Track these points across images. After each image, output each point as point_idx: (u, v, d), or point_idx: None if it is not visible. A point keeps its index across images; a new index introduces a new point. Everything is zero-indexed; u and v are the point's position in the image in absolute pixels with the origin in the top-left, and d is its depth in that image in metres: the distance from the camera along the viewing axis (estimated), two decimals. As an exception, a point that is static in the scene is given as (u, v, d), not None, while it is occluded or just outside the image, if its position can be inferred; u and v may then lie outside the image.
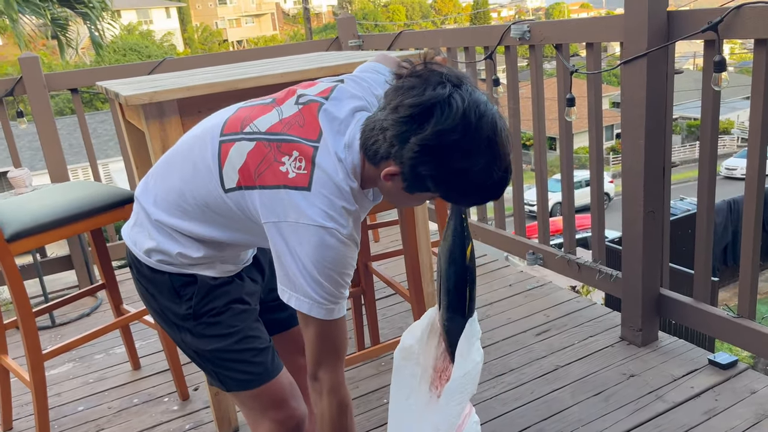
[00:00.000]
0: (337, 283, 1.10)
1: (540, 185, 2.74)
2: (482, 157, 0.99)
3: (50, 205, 1.92)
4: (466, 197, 1.06)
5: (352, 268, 1.12)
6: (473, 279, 1.25)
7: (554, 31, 2.37)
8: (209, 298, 1.26)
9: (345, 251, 1.08)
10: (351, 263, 1.11)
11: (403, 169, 1.02)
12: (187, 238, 1.20)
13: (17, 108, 3.04)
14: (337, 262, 1.08)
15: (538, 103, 2.62)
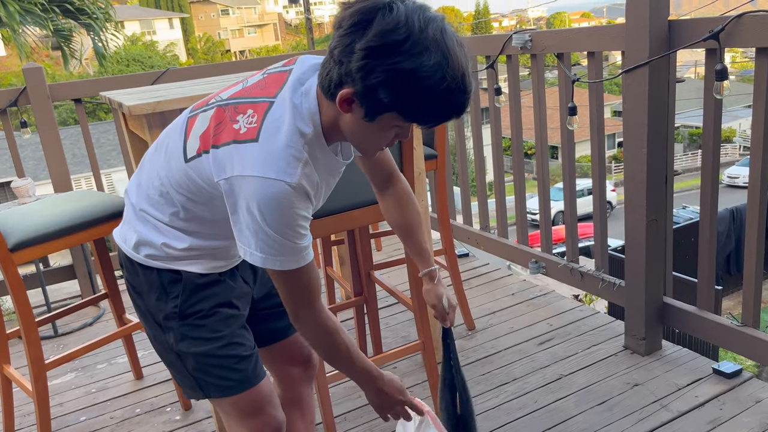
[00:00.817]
0: (288, 235, 1.06)
1: (542, 194, 2.74)
2: (431, 56, 0.93)
3: (53, 214, 1.93)
4: (423, 110, 0.99)
5: (304, 219, 1.08)
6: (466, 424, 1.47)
7: (556, 40, 2.38)
8: (196, 298, 1.25)
9: (293, 202, 1.04)
10: (301, 214, 1.07)
11: (355, 87, 0.97)
12: (170, 228, 1.20)
13: (21, 118, 3.05)
14: (285, 213, 1.04)
15: (540, 112, 2.63)
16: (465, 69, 0.98)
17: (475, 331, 2.57)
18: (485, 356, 2.36)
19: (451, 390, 1.45)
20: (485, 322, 2.63)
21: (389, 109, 0.99)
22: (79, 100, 3.10)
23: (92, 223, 1.95)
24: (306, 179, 1.05)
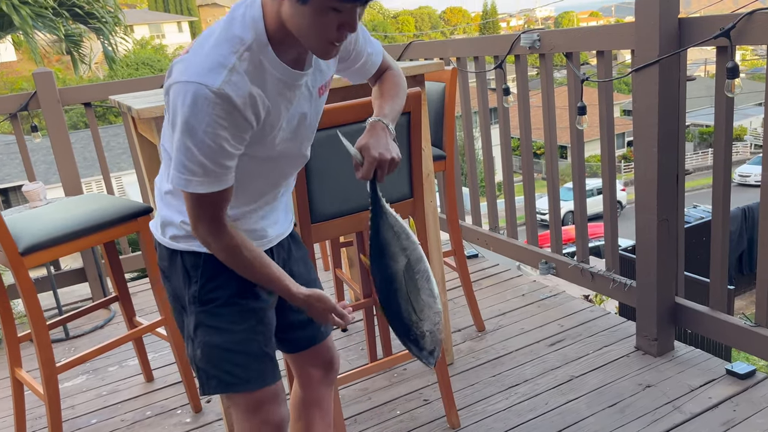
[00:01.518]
0: (210, 151, 1.01)
1: (552, 194, 2.72)
2: None
3: (64, 218, 1.93)
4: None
5: (232, 136, 1.02)
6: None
7: (564, 39, 2.36)
8: (214, 284, 1.23)
9: (213, 108, 0.98)
10: (223, 125, 1.00)
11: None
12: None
13: (32, 122, 3.07)
14: (205, 120, 0.98)
15: (549, 112, 2.61)
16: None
17: (485, 332, 2.56)
18: (496, 357, 2.35)
19: (380, 249, 1.26)
20: (495, 324, 2.62)
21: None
22: (89, 104, 3.12)
23: (102, 226, 1.95)
24: (232, 87, 0.99)
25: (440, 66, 2.10)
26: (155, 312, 2.95)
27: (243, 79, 1.01)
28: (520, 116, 2.76)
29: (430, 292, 1.27)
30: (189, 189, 1.07)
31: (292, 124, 1.15)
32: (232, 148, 1.04)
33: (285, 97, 1.09)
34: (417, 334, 1.28)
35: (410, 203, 1.83)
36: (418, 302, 1.26)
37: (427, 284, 1.27)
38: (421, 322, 1.27)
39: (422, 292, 1.27)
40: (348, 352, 2.51)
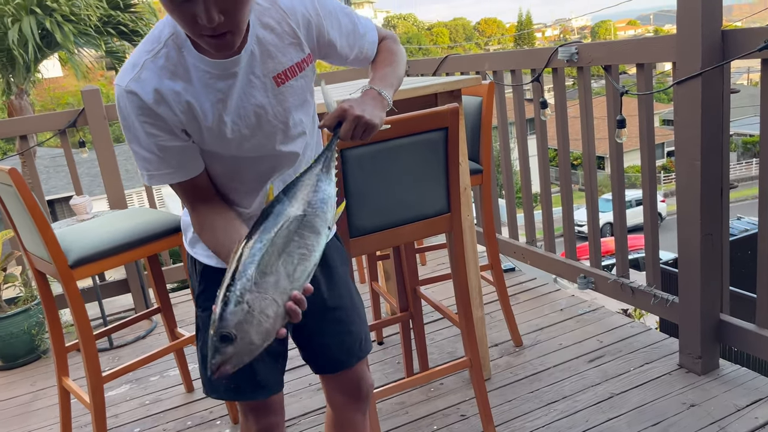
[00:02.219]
0: (135, 146, 1.06)
1: (590, 205, 2.69)
2: None
3: (110, 232, 1.99)
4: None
5: (149, 132, 1.03)
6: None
7: (603, 52, 2.34)
8: (210, 293, 1.21)
9: (126, 106, 1.02)
10: (141, 120, 1.02)
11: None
12: None
13: (80, 138, 3.17)
14: (124, 118, 1.04)
15: (588, 125, 2.59)
16: None
17: (522, 347, 2.53)
18: (533, 373, 2.33)
19: (293, 184, 1.03)
20: (533, 339, 2.59)
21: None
22: (133, 120, 3.21)
23: (146, 240, 2.01)
24: (138, 84, 1.01)
25: (477, 81, 2.10)
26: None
27: (152, 76, 1.02)
28: (558, 128, 2.74)
29: (288, 273, 0.95)
30: (153, 182, 1.10)
31: (248, 118, 1.10)
32: (167, 140, 1.05)
33: (215, 88, 1.05)
34: (227, 295, 0.92)
35: (447, 218, 1.84)
36: (268, 264, 0.94)
37: (297, 261, 0.97)
38: (245, 287, 0.92)
39: (284, 260, 0.95)
40: (384, 365, 2.52)
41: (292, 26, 1.11)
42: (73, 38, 7.28)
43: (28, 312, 2.87)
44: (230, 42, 0.97)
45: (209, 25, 0.92)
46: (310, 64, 1.16)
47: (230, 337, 0.91)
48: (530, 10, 46.64)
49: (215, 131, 1.08)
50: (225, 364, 0.92)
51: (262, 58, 1.08)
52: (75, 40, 7.36)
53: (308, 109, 1.21)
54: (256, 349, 0.93)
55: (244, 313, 0.91)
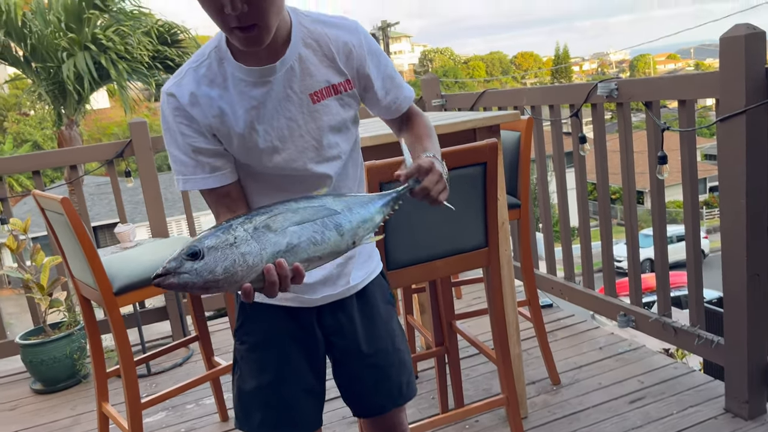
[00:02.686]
0: (171, 149, 1.12)
1: (630, 241, 2.64)
2: None
3: (153, 260, 2.05)
4: None
5: (184, 133, 1.10)
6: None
7: (643, 88, 2.33)
8: (249, 326, 1.26)
9: (165, 109, 1.11)
10: (177, 121, 1.10)
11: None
12: None
13: (126, 168, 3.28)
14: (164, 120, 1.11)
15: (627, 161, 2.56)
16: None
17: (560, 386, 2.48)
18: (572, 413, 2.27)
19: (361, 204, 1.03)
20: (571, 377, 2.53)
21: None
22: (178, 151, 3.30)
23: (188, 268, 2.05)
24: (177, 88, 1.10)
25: (516, 116, 2.11)
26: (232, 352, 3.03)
27: (191, 82, 1.10)
28: (597, 163, 2.72)
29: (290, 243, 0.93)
30: (187, 187, 1.14)
31: (280, 130, 1.12)
32: (200, 142, 1.10)
33: (249, 95, 1.10)
34: (225, 223, 0.92)
35: (485, 252, 1.83)
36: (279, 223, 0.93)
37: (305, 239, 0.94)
38: (244, 225, 0.91)
39: (295, 230, 0.93)
40: (419, 400, 2.49)
41: (332, 50, 1.15)
42: (126, 75, 7.58)
43: (71, 337, 2.94)
44: (257, 36, 1.01)
45: (234, 13, 0.97)
46: (350, 91, 1.18)
47: (198, 253, 0.88)
48: (567, 43, 46.66)
49: (246, 139, 1.12)
50: (173, 275, 0.88)
51: (301, 75, 1.12)
52: (127, 76, 7.67)
53: (348, 137, 1.21)
54: (211, 283, 0.88)
55: (227, 243, 0.89)
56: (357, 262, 1.28)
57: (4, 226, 2.98)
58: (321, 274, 1.22)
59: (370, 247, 1.32)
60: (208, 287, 0.89)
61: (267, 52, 1.09)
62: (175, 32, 8.46)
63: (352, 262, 1.26)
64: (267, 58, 1.09)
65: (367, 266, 1.31)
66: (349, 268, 1.26)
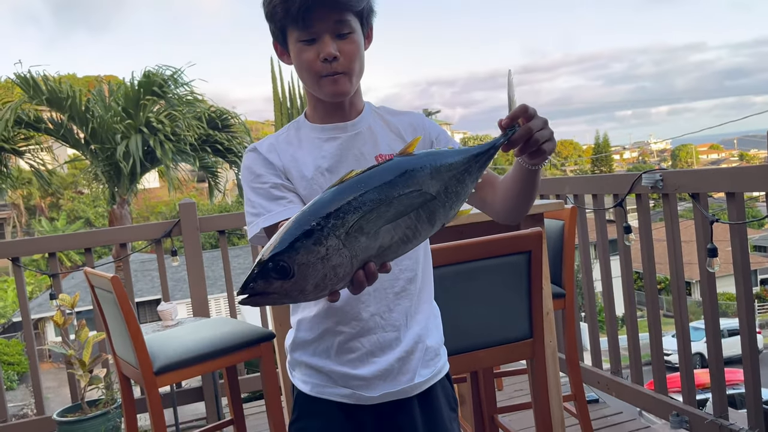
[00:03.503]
0: (248, 194, 1.20)
1: (681, 333, 2.54)
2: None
3: (194, 340, 2.05)
4: (276, 10, 1.12)
5: (261, 175, 1.18)
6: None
7: (690, 180, 2.31)
8: (301, 423, 1.22)
9: (246, 159, 1.23)
10: (254, 165, 1.20)
11: (272, 35, 1.19)
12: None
13: (172, 247, 3.36)
14: (243, 169, 1.22)
15: (675, 253, 2.50)
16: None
17: (609, 489, 2.33)
18: None
19: (446, 157, 0.92)
20: (621, 480, 2.38)
21: (277, 26, 1.15)
22: (223, 232, 3.39)
23: (227, 350, 2.05)
24: (259, 144, 1.23)
25: (560, 206, 2.11)
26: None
27: (270, 139, 1.24)
28: (643, 254, 2.66)
29: (382, 245, 0.84)
30: (257, 228, 1.16)
31: None
32: (275, 179, 1.18)
33: (321, 148, 1.20)
34: (314, 226, 0.81)
35: (529, 344, 1.78)
36: (372, 223, 0.82)
37: (397, 238, 0.86)
38: (335, 231, 0.80)
39: (388, 229, 0.84)
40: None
41: (399, 129, 1.25)
42: (171, 155, 7.94)
43: (107, 415, 2.92)
44: (343, 84, 1.15)
45: (329, 58, 1.11)
46: None
47: (288, 271, 0.79)
48: (607, 132, 46.97)
49: (312, 182, 1.18)
50: (260, 295, 0.80)
51: (370, 140, 1.22)
52: (173, 157, 8.03)
53: None
54: (300, 298, 0.82)
55: (318, 257, 0.80)
56: (423, 359, 1.20)
57: (53, 301, 3.05)
58: (380, 368, 1.16)
59: (437, 342, 1.25)
60: (296, 301, 0.84)
61: (341, 119, 1.21)
62: (226, 117, 8.89)
63: (415, 357, 1.19)
64: (328, 115, 1.22)
65: (434, 364, 1.22)
66: (413, 364, 1.18)
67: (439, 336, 1.27)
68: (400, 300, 1.18)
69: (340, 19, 1.11)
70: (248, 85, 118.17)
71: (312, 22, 1.11)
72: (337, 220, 0.81)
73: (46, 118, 8.13)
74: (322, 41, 1.12)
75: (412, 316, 1.19)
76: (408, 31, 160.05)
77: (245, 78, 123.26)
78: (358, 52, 1.15)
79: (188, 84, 8.50)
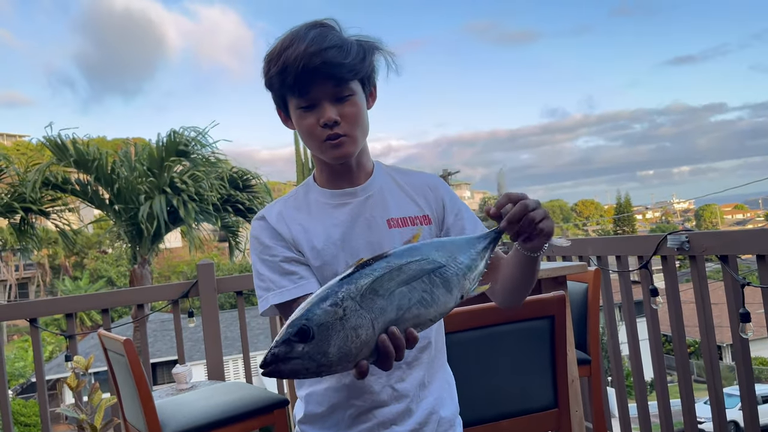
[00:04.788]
0: (257, 266, 1.17)
1: (715, 400, 2.41)
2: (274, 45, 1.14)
3: (206, 406, 2.00)
4: (274, 81, 1.13)
5: (270, 247, 1.16)
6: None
7: (717, 241, 2.25)
8: None
9: (255, 229, 1.19)
10: (262, 236, 1.17)
11: (274, 102, 1.19)
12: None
13: (189, 308, 3.33)
14: (252, 240, 1.19)
15: (705, 318, 2.40)
16: (281, 49, 1.11)
17: None
18: None
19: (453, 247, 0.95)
20: None
21: (277, 95, 1.16)
22: (241, 293, 3.36)
23: (240, 417, 1.99)
24: (267, 211, 1.21)
25: (583, 268, 2.06)
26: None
27: (279, 206, 1.22)
28: (671, 318, 2.56)
29: (400, 307, 0.86)
30: (267, 304, 1.14)
31: (355, 249, 1.15)
32: (286, 252, 1.15)
33: (331, 215, 1.18)
34: (328, 293, 0.84)
35: (554, 414, 1.69)
36: (385, 286, 0.85)
37: (415, 301, 0.87)
38: (350, 293, 0.83)
39: (403, 292, 0.86)
40: None
41: (411, 190, 1.23)
42: (194, 215, 8.02)
43: (117, 483, 2.83)
44: (347, 147, 1.14)
45: (328, 123, 1.10)
46: (427, 225, 1.21)
47: (308, 333, 0.79)
48: (629, 192, 46.75)
49: (323, 253, 1.15)
50: (285, 362, 0.79)
51: (381, 203, 1.20)
52: (195, 217, 8.11)
53: None
54: (325, 365, 0.80)
55: (336, 318, 0.81)
56: (436, 429, 1.18)
57: (68, 363, 3.02)
58: (389, 381, 1.14)
59: (452, 413, 1.22)
60: (321, 371, 0.81)
61: (349, 184, 1.20)
62: (248, 178, 9.02)
63: (428, 430, 1.17)
64: (348, 187, 1.20)
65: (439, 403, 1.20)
66: (417, 389, 1.17)
67: (455, 406, 1.24)
68: (413, 370, 1.16)
69: (339, 84, 1.11)
70: (272, 146, 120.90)
71: (309, 90, 1.11)
72: (350, 285, 0.83)
73: (73, 180, 8.31)
74: (321, 107, 1.12)
75: (425, 386, 1.17)
76: (428, 93, 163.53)
77: (270, 139, 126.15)
78: (359, 114, 1.13)
79: (212, 145, 8.68)
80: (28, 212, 8.12)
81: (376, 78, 1.20)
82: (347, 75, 1.10)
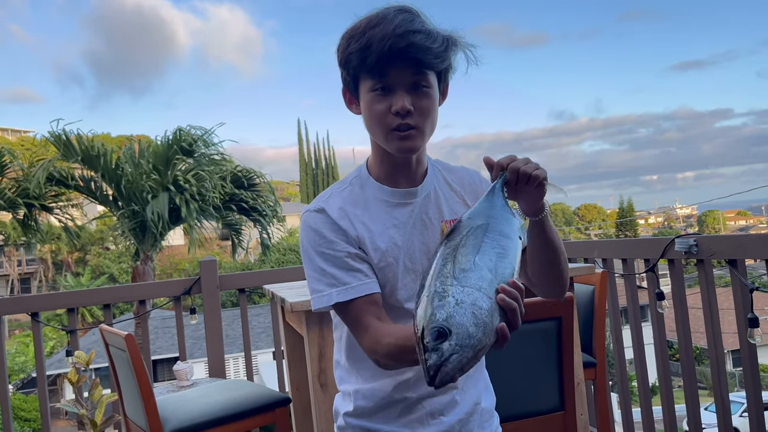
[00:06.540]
0: (313, 261, 1.13)
1: (721, 408, 2.38)
2: (353, 25, 1.11)
3: (207, 404, 1.98)
4: (351, 59, 1.09)
5: (328, 243, 1.12)
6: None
7: (727, 246, 2.22)
8: None
9: (312, 222, 1.14)
10: (321, 231, 1.13)
11: (343, 82, 1.16)
12: (344, 373, 1.24)
13: (192, 305, 3.31)
14: (307, 235, 1.14)
15: (713, 324, 2.38)
16: (366, 27, 1.08)
17: None
18: None
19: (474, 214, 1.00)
20: None
21: (349, 76, 1.12)
22: (243, 291, 3.34)
23: (241, 415, 1.97)
24: (326, 203, 1.16)
25: (591, 270, 2.04)
26: None
27: (337, 200, 1.17)
28: (678, 322, 2.54)
29: (490, 268, 0.90)
30: (330, 301, 1.11)
31: (413, 251, 1.16)
32: (350, 249, 1.13)
33: (391, 215, 1.17)
34: (426, 295, 0.89)
35: (561, 417, 1.68)
36: (463, 261, 0.89)
37: (495, 257, 0.91)
38: (444, 282, 0.88)
39: (480, 256, 0.91)
40: None
41: (458, 188, 1.24)
42: (196, 215, 8.02)
43: (116, 479, 2.82)
44: (414, 141, 1.11)
45: (401, 112, 1.08)
46: None
47: (444, 331, 0.83)
48: (633, 197, 46.59)
49: (386, 254, 1.15)
50: (445, 364, 0.82)
51: (436, 203, 1.20)
52: (197, 216, 8.11)
53: None
54: (479, 344, 0.83)
55: (452, 305, 0.85)
56: (480, 420, 1.22)
57: (68, 358, 3.00)
58: (440, 430, 1.17)
59: (491, 404, 1.27)
60: (478, 353, 0.84)
61: (407, 180, 1.18)
62: (252, 177, 9.01)
63: (473, 419, 1.21)
64: (407, 185, 1.18)
65: (489, 426, 1.24)
66: (471, 426, 1.20)
67: (493, 398, 1.29)
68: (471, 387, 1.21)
69: (418, 72, 1.08)
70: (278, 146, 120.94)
71: (388, 72, 1.08)
72: (437, 280, 0.88)
73: (77, 176, 8.31)
74: (396, 94, 1.09)
75: (470, 377, 1.21)
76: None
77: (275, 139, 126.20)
78: (431, 108, 1.11)
79: (216, 145, 8.67)
80: (31, 207, 8.12)
81: (452, 75, 1.17)
82: (432, 61, 1.08)
